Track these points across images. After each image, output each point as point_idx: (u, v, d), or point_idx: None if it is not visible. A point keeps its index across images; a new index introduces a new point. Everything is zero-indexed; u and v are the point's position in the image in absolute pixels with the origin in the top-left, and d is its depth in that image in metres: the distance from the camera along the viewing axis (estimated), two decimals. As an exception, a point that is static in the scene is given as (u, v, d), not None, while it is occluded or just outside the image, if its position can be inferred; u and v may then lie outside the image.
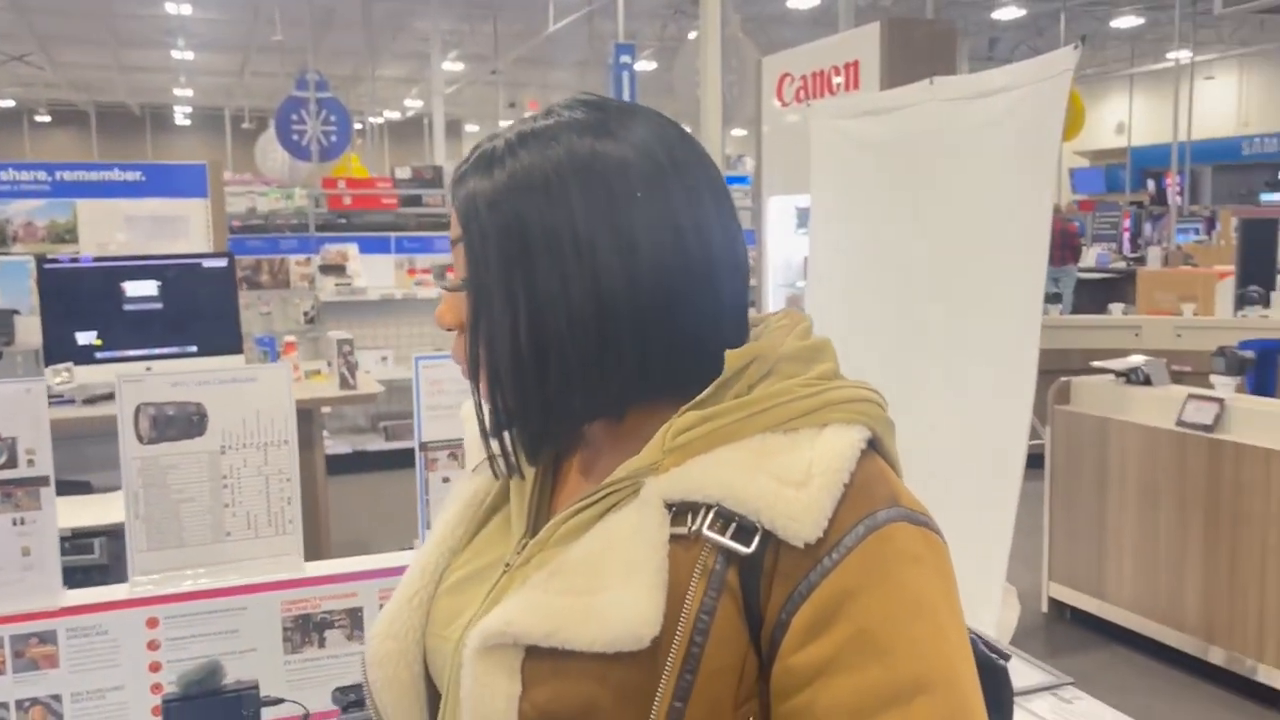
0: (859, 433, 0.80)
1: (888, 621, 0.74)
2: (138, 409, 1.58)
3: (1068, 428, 4.45)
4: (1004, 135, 3.77)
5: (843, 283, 4.61)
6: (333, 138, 12.15)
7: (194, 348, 4.36)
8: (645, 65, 17.06)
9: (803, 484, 0.77)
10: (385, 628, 0.95)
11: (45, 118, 27.39)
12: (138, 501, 1.60)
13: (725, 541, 0.77)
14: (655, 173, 0.84)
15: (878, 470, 0.81)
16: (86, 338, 4.19)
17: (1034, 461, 3.80)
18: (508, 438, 0.91)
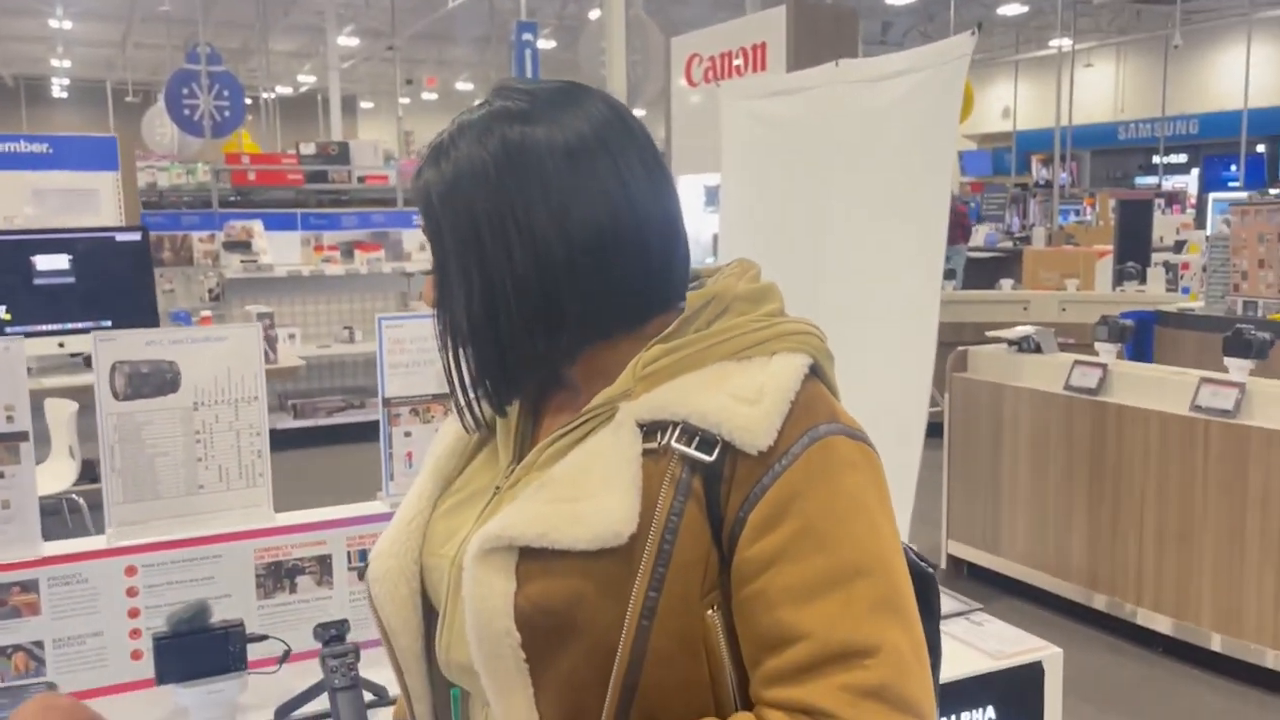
0: (803, 360, 0.95)
1: (829, 517, 0.88)
2: (113, 366, 1.64)
3: (965, 394, 4.72)
4: (906, 116, 3.97)
5: (752, 258, 4.77)
6: (226, 113, 11.86)
7: (108, 322, 4.32)
8: (544, 44, 17.04)
9: (756, 401, 0.91)
10: (387, 547, 1.06)
11: (-92, 89, 25.99)
12: (114, 456, 1.66)
13: (690, 452, 0.90)
14: (583, 149, 0.96)
15: (819, 392, 0.95)
16: (-5, 312, 4.13)
17: (934, 430, 4.04)
18: (474, 396, 1.04)
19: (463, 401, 1.05)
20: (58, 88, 27.33)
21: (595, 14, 9.79)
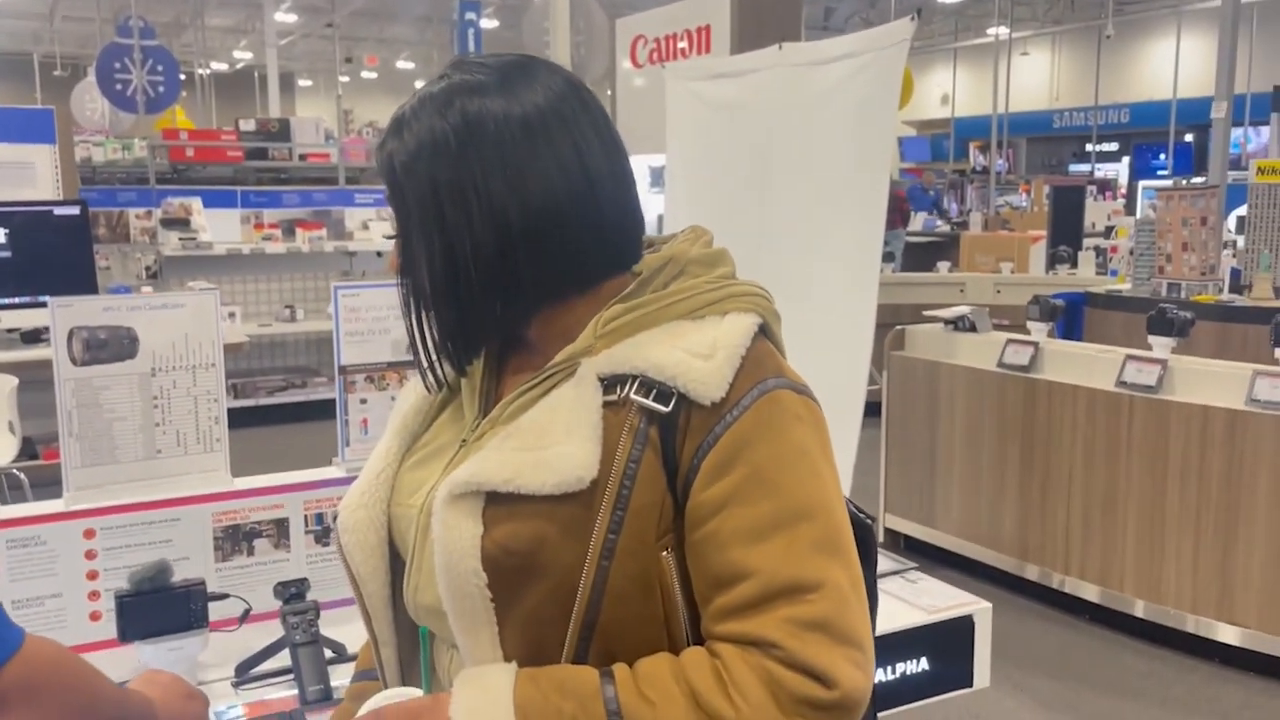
0: (753, 319, 1.02)
1: (776, 464, 0.95)
2: (71, 332, 1.65)
3: (902, 372, 4.84)
4: (847, 100, 4.05)
5: (698, 236, 4.84)
6: (160, 89, 11.61)
7: (46, 297, 4.26)
8: (487, 23, 16.93)
9: (709, 356, 0.97)
10: (356, 499, 1.12)
11: None
12: (71, 420, 1.68)
13: (648, 403, 0.97)
14: (540, 121, 1.01)
15: (767, 349, 1.02)
16: (-70, 286, 4.06)
17: (873, 409, 4.15)
18: (436, 358, 1.09)
19: (425, 363, 1.10)
20: (-20, 61, 26.47)
21: (539, -6, 9.76)
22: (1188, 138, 18.48)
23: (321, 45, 21.32)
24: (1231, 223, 8.64)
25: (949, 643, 1.82)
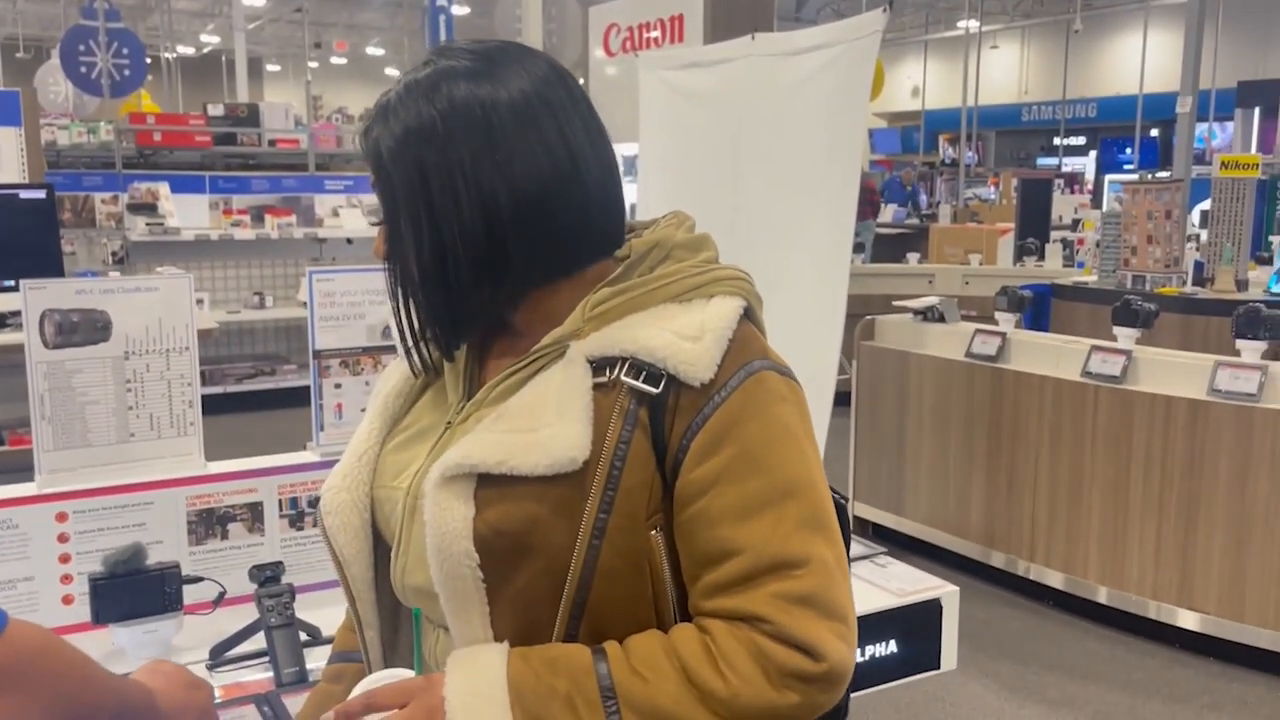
0: (738, 302, 1.04)
1: (763, 443, 0.97)
2: (43, 315, 1.65)
3: (872, 361, 4.88)
4: (819, 90, 4.08)
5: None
6: (126, 72, 11.46)
7: (11, 281, 4.21)
8: (459, 10, 16.83)
9: (698, 339, 0.99)
10: (339, 481, 1.12)
11: None
12: (43, 403, 1.67)
13: (638, 385, 0.98)
14: (526, 106, 1.02)
15: (752, 332, 1.04)
16: (-108, 270, 4.01)
17: (842, 399, 4.19)
18: (422, 342, 1.10)
19: (410, 346, 1.10)
20: (-59, 42, 26.02)
21: (512, -19, 9.72)
22: (1154, 133, 18.70)
23: (290, 30, 21.12)
24: (1196, 217, 8.76)
25: (917, 625, 1.86)
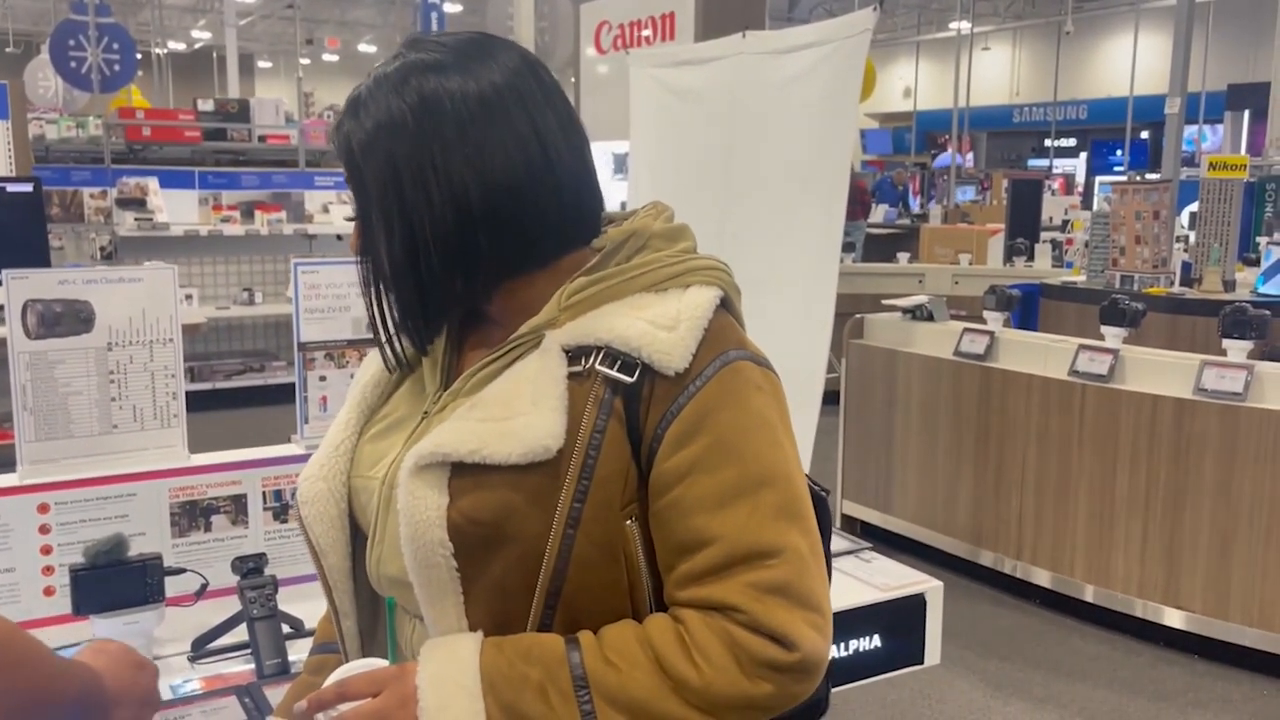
0: (715, 292, 1.04)
1: (738, 433, 0.97)
2: (25, 305, 1.64)
3: (861, 360, 4.89)
4: (810, 88, 4.08)
5: (660, 223, 4.85)
6: (116, 67, 11.41)
7: (-2, 275, 4.20)
8: (451, 7, 16.81)
9: (673, 328, 0.99)
10: (315, 470, 1.12)
11: None
12: (25, 394, 1.66)
13: (613, 374, 0.98)
14: (496, 97, 1.02)
15: (728, 322, 1.04)
16: (-122, 263, 3.98)
17: (831, 397, 4.19)
18: (396, 336, 1.10)
19: (384, 340, 1.10)
20: (-70, 36, 25.88)
21: (504, -22, 9.71)
22: (1144, 135, 18.76)
23: (282, 26, 21.08)
24: (1184, 218, 8.80)
25: (901, 620, 1.86)
